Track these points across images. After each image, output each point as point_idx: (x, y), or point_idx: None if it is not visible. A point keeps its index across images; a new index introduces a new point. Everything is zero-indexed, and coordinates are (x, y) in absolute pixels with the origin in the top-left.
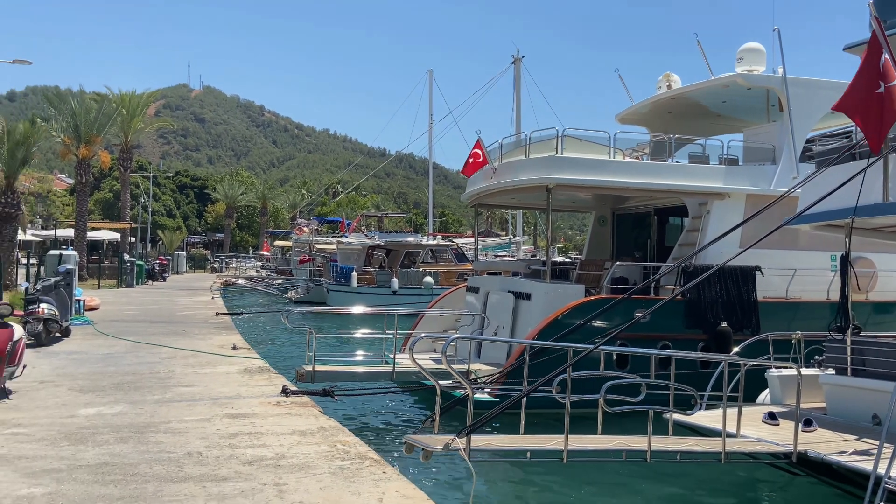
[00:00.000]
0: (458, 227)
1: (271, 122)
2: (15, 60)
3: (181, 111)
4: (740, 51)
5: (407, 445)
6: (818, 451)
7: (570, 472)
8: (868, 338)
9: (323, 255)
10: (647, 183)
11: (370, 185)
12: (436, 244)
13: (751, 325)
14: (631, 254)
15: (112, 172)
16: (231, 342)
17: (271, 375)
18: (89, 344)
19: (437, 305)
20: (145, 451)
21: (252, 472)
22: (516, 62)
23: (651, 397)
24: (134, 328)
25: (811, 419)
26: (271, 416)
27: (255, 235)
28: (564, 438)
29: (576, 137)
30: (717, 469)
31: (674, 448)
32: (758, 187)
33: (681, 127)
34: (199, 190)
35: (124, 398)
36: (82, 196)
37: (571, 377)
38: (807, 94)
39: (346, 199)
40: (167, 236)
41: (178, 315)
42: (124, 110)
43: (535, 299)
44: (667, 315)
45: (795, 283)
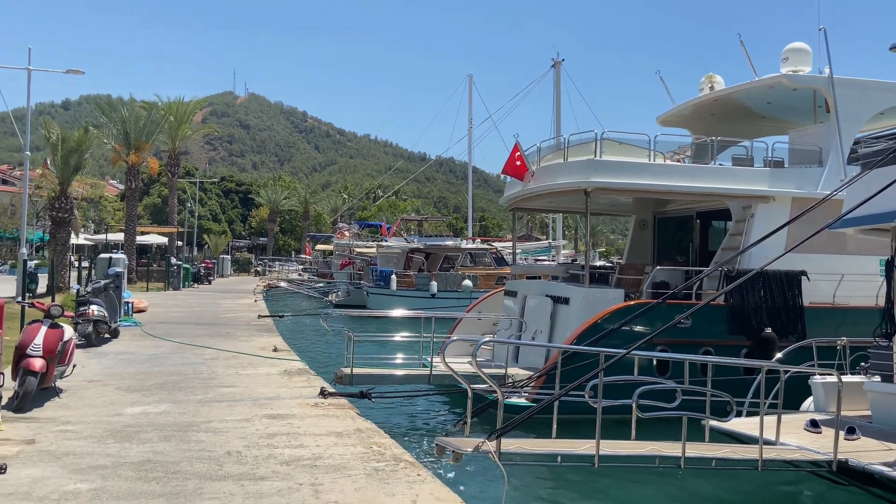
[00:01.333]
0: (497, 231)
1: (314, 128)
2: (69, 70)
3: (227, 118)
4: (785, 51)
5: (438, 447)
6: (860, 459)
7: (605, 477)
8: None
9: (363, 258)
10: (688, 186)
11: (410, 190)
12: (474, 248)
13: (796, 331)
14: (673, 258)
15: (160, 178)
16: (272, 344)
17: (310, 377)
18: (136, 345)
19: (475, 309)
20: (187, 450)
21: (289, 472)
22: (556, 65)
23: (689, 404)
24: (179, 330)
25: (854, 427)
26: (309, 417)
27: (298, 239)
28: (596, 443)
29: (615, 140)
30: (758, 478)
31: (709, 455)
32: (804, 190)
33: (724, 129)
34: (244, 195)
35: (168, 398)
36: (132, 201)
37: (605, 382)
38: (855, 95)
39: (386, 204)
40: (213, 240)
41: (222, 317)
42: (172, 117)
43: (573, 304)
44: (710, 321)
45: (843, 288)
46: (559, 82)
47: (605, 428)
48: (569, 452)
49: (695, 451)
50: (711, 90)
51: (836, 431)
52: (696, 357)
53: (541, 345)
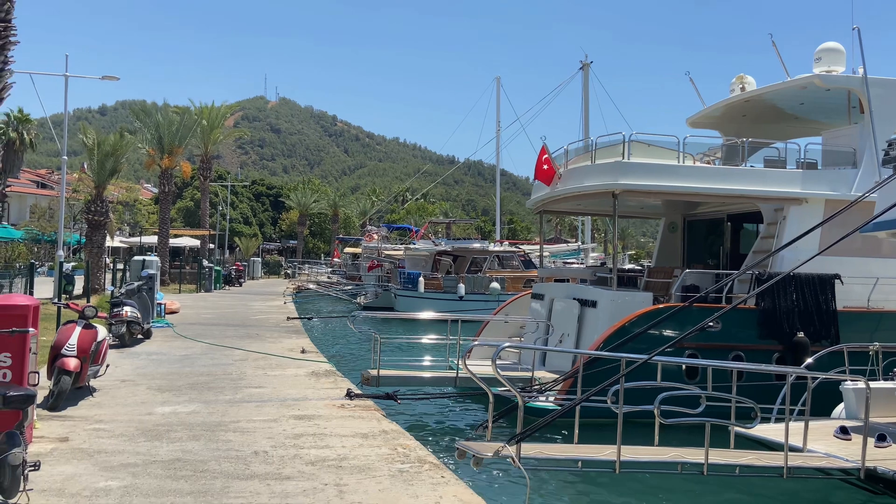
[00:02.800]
0: (526, 234)
1: (343, 132)
2: (104, 77)
3: (258, 122)
4: (818, 51)
5: (459, 451)
6: (889, 467)
7: (632, 482)
8: None
9: (391, 261)
10: (718, 188)
11: (439, 193)
12: (502, 250)
13: (829, 335)
14: (703, 261)
15: (193, 182)
16: (300, 346)
17: (337, 379)
18: (168, 345)
19: (502, 312)
20: (215, 449)
21: (314, 472)
22: (584, 67)
23: (716, 410)
24: (210, 331)
25: (885, 434)
26: (335, 418)
27: (327, 242)
28: (617, 449)
29: (643, 142)
30: (786, 485)
31: (733, 462)
32: (837, 192)
33: (755, 130)
34: (274, 198)
35: (198, 398)
36: (165, 204)
37: (627, 387)
38: (889, 95)
39: (414, 207)
40: (244, 243)
41: (252, 319)
42: (204, 122)
43: (600, 307)
44: (740, 325)
45: (878, 291)
46: (587, 85)
47: (631, 433)
48: (589, 458)
49: (718, 458)
50: (742, 91)
51: (864, 438)
52: (718, 363)
53: (558, 350)
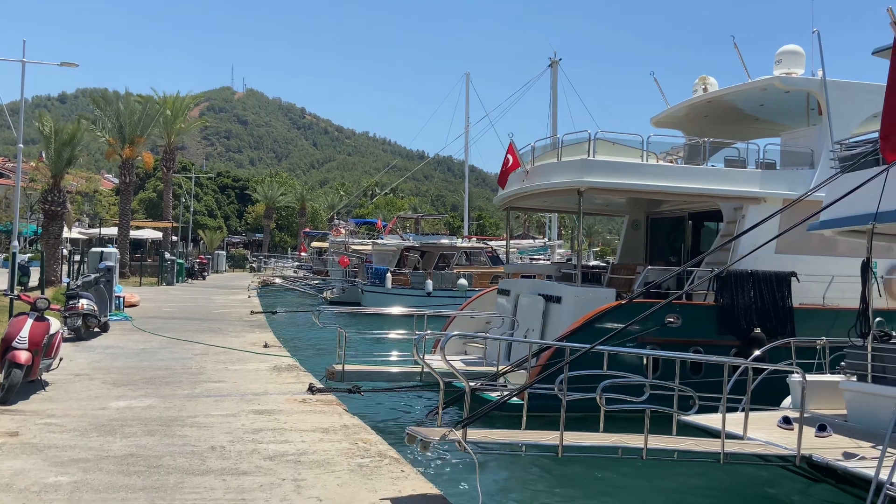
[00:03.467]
0: (495, 230)
1: (312, 125)
2: (63, 63)
3: (225, 113)
4: (778, 53)
5: (408, 436)
6: (824, 455)
7: (588, 469)
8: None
9: (358, 256)
10: (680, 187)
11: (408, 188)
12: (470, 246)
13: (785, 331)
14: (665, 258)
15: (156, 173)
16: (263, 340)
17: (300, 373)
18: (126, 339)
19: (468, 307)
20: (170, 444)
21: (272, 468)
22: (553, 65)
23: (667, 401)
24: (171, 325)
25: (826, 425)
26: (296, 412)
27: (294, 236)
28: (560, 434)
29: (608, 140)
30: (732, 471)
31: (671, 447)
32: (795, 192)
33: (717, 130)
34: (240, 191)
35: (155, 392)
36: (126, 195)
37: (576, 376)
38: (847, 98)
39: (383, 201)
40: (208, 236)
41: (215, 313)
42: (168, 112)
43: (564, 302)
44: (700, 320)
45: (833, 289)
46: (556, 82)
47: (593, 427)
48: (533, 442)
49: (657, 444)
50: (705, 92)
51: (800, 427)
52: (661, 353)
53: (507, 339)
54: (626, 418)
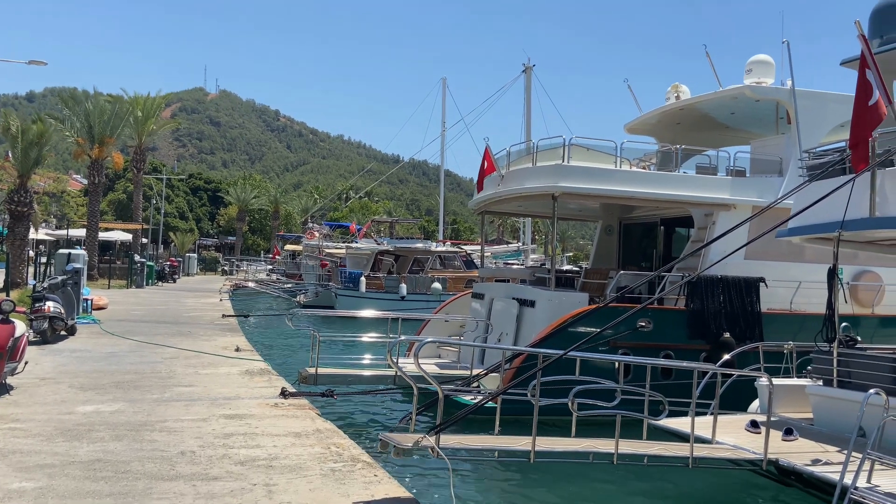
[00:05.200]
0: (469, 235)
1: (286, 127)
2: (31, 62)
3: (197, 114)
4: (749, 63)
5: (382, 443)
6: (790, 460)
7: (561, 472)
8: (854, 350)
9: (332, 259)
10: (653, 193)
11: (383, 192)
12: (444, 251)
13: (754, 336)
14: (637, 263)
15: (126, 174)
16: (235, 344)
17: (272, 377)
18: (94, 343)
19: (442, 311)
20: (139, 449)
21: (243, 473)
22: (527, 71)
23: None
24: (140, 328)
25: (792, 429)
26: (268, 417)
27: (267, 239)
28: (532, 439)
29: (583, 146)
30: (702, 474)
31: (641, 452)
32: (764, 199)
33: (689, 138)
34: (213, 193)
35: (123, 396)
36: (94, 196)
37: (549, 382)
38: (815, 107)
39: (358, 205)
40: (179, 238)
41: (185, 316)
42: (138, 112)
43: (538, 306)
44: (671, 325)
45: (800, 295)
46: (530, 87)
47: (566, 432)
48: (506, 448)
49: (628, 448)
50: (678, 99)
51: (766, 432)
52: (632, 358)
53: (476, 345)
54: (599, 422)
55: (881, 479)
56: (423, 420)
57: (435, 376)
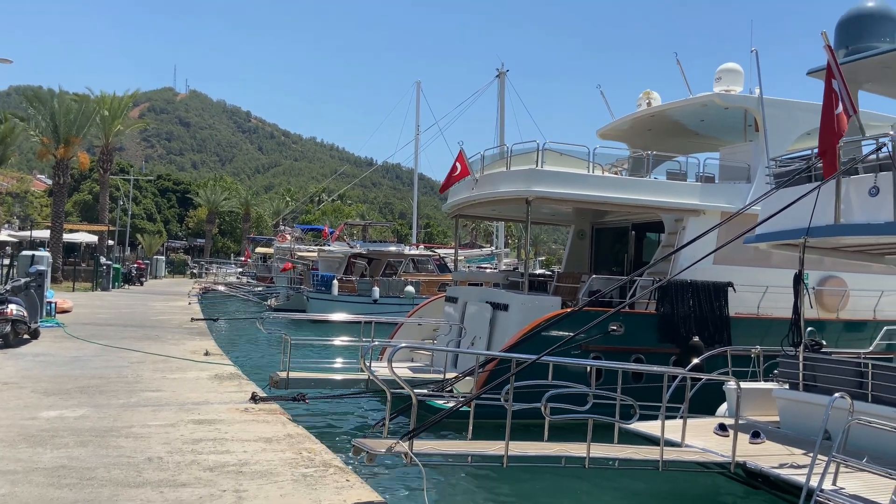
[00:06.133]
0: (443, 238)
1: (257, 129)
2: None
3: (166, 115)
4: (718, 71)
5: (354, 448)
6: (758, 463)
7: (534, 476)
8: (819, 354)
9: (304, 262)
10: (624, 198)
11: (356, 195)
12: (417, 254)
13: (722, 339)
14: (609, 268)
15: (92, 174)
16: (204, 348)
17: (242, 382)
18: (58, 346)
19: (415, 315)
20: (104, 456)
21: (212, 479)
22: (500, 76)
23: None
24: (105, 332)
25: (759, 432)
26: (238, 422)
27: (237, 242)
28: (505, 444)
29: (556, 151)
30: (672, 477)
31: (613, 455)
32: (732, 205)
33: (660, 144)
34: (182, 194)
35: (88, 402)
36: (59, 197)
37: (521, 386)
38: (782, 115)
39: (330, 208)
40: (146, 240)
41: (152, 320)
42: (105, 111)
43: (511, 310)
44: (642, 329)
45: (767, 299)
46: (503, 92)
47: (538, 435)
48: (479, 453)
49: (599, 452)
50: (649, 106)
51: (734, 435)
52: (604, 363)
53: (453, 350)
54: (571, 426)
55: (846, 481)
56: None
57: (408, 381)
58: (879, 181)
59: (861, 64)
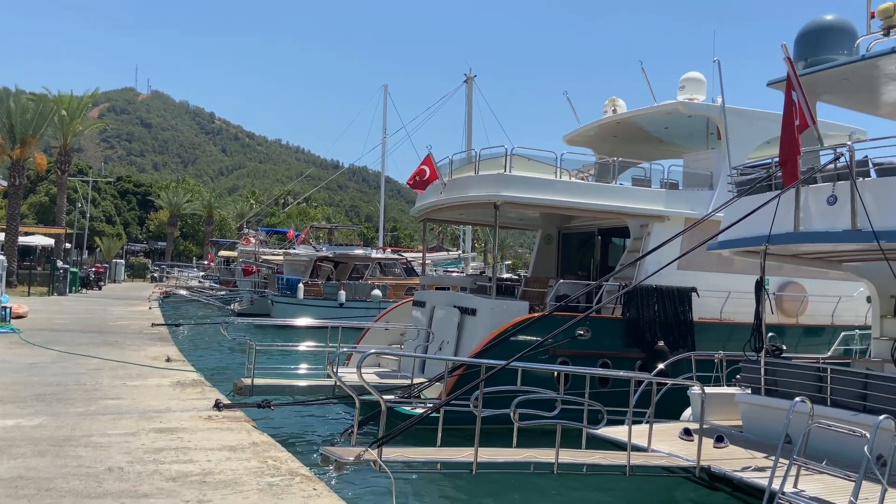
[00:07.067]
0: (409, 242)
1: (221, 130)
2: None
3: (127, 115)
4: (682, 80)
5: (323, 457)
6: (721, 466)
7: (504, 481)
8: (780, 359)
9: (269, 266)
10: (591, 203)
11: (322, 198)
12: (384, 257)
13: (686, 344)
14: (575, 272)
15: (49, 175)
16: (165, 354)
17: (205, 389)
18: (13, 353)
19: (383, 319)
20: (63, 466)
21: (175, 489)
22: (468, 81)
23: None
24: (63, 338)
25: (723, 436)
26: (201, 430)
27: (200, 245)
28: (474, 450)
29: (524, 156)
30: (639, 481)
31: (581, 461)
32: (696, 211)
33: (625, 150)
34: (142, 196)
35: (45, 410)
36: (15, 199)
37: (496, 392)
38: (743, 124)
39: (296, 211)
40: (105, 243)
41: (112, 325)
42: (63, 111)
43: (479, 315)
44: (608, 333)
45: (729, 304)
46: (471, 97)
47: (507, 440)
48: (448, 460)
49: (568, 458)
50: (614, 113)
51: (699, 439)
52: (573, 368)
53: (422, 356)
54: (539, 431)
55: (807, 483)
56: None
57: (376, 386)
58: (837, 190)
59: (819, 76)
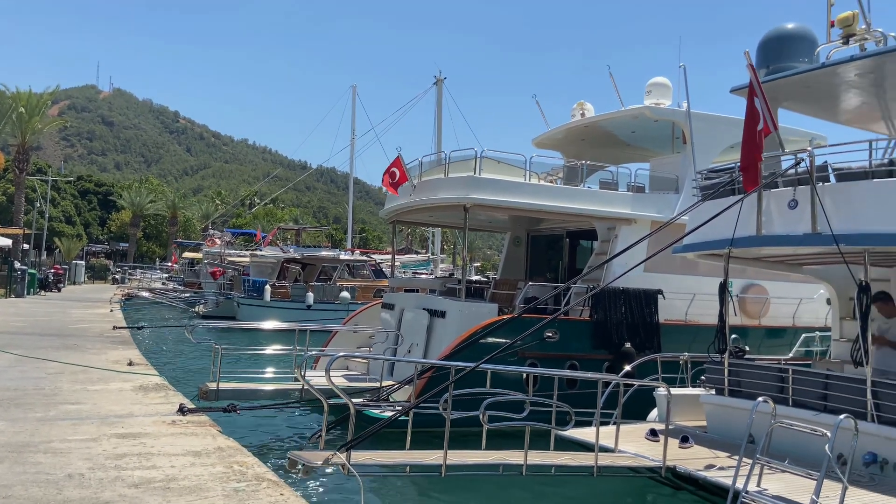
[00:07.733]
0: (378, 244)
1: (186, 129)
2: None
3: (88, 113)
4: (648, 85)
5: (290, 461)
6: (687, 466)
7: (473, 483)
8: (744, 360)
9: (235, 267)
10: (559, 206)
11: (289, 198)
12: (353, 259)
13: (653, 345)
14: (544, 274)
15: (6, 174)
16: (127, 358)
17: (169, 393)
18: None
19: (351, 321)
20: (21, 473)
21: (138, 496)
22: (438, 83)
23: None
24: (20, 341)
25: (688, 436)
26: (165, 435)
27: (164, 246)
28: (444, 453)
29: (493, 159)
30: (606, 481)
31: (549, 462)
32: (662, 214)
33: (593, 154)
34: (104, 196)
35: (3, 415)
36: None
37: (465, 395)
38: (708, 129)
39: (262, 212)
40: (65, 244)
41: (71, 328)
42: (22, 108)
43: (449, 317)
44: (576, 335)
45: (694, 306)
46: (441, 99)
47: (476, 442)
48: (417, 462)
49: (536, 459)
50: (583, 116)
51: (665, 440)
52: (543, 370)
53: (390, 359)
54: (508, 432)
55: (769, 482)
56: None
57: (345, 390)
58: (798, 195)
59: (781, 83)
